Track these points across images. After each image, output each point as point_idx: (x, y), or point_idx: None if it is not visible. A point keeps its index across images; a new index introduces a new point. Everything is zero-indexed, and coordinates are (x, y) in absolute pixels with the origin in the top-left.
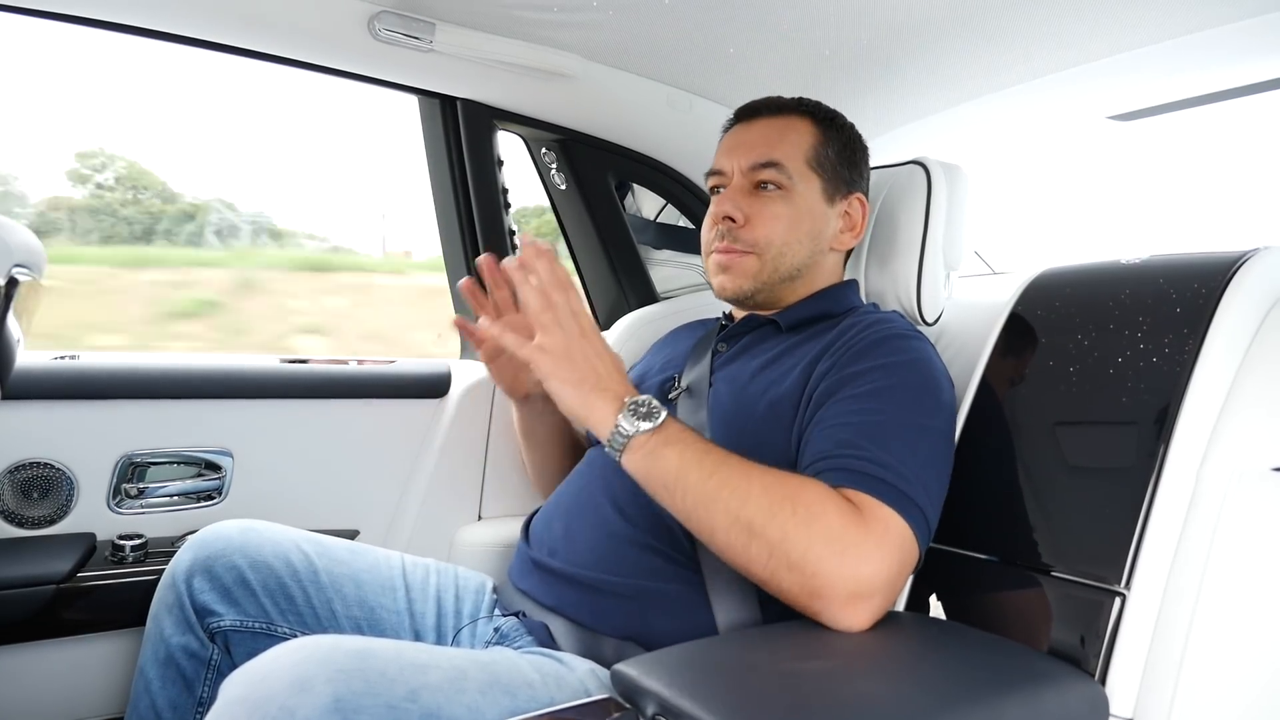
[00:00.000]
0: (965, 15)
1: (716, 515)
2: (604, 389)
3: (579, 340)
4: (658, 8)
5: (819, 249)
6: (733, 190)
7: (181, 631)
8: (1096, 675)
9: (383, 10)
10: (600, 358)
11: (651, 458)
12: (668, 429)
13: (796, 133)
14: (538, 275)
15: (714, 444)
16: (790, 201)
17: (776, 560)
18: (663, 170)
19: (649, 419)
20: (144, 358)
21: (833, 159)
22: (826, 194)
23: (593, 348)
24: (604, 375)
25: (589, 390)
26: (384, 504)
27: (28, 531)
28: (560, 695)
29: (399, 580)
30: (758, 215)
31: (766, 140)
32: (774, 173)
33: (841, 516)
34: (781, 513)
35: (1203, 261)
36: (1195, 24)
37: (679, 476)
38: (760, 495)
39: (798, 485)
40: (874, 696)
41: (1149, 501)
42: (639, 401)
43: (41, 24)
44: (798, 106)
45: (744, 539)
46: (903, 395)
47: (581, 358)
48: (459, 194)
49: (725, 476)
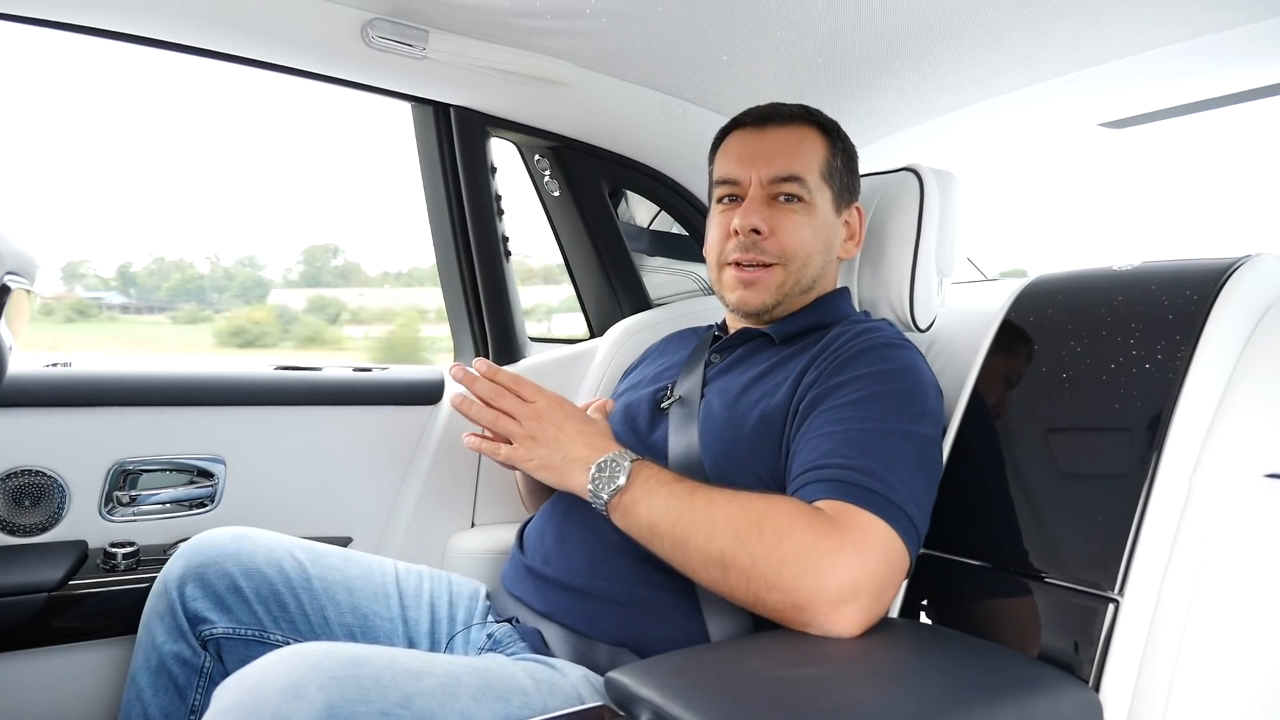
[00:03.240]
0: (957, 24)
1: (691, 555)
2: (572, 460)
3: (538, 425)
4: (651, 15)
5: (831, 259)
6: (754, 201)
7: (173, 639)
8: (1090, 682)
9: (376, 18)
10: (562, 430)
11: (627, 515)
12: (634, 485)
13: (812, 145)
14: (479, 394)
15: (683, 481)
16: (811, 214)
17: (755, 584)
18: (656, 177)
19: (615, 477)
20: (136, 365)
21: (840, 170)
22: (835, 205)
23: (551, 425)
24: (570, 446)
25: (559, 469)
26: (377, 511)
27: (19, 539)
28: (554, 702)
29: (392, 587)
30: (781, 227)
31: (785, 152)
32: (796, 186)
33: (811, 529)
34: (749, 539)
35: (1195, 268)
36: (1185, 32)
37: (652, 528)
38: (725, 526)
39: (764, 507)
40: (867, 703)
41: (1142, 508)
42: (603, 463)
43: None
44: (806, 116)
45: (719, 573)
46: (888, 403)
47: (546, 440)
48: (452, 201)
49: (691, 517)
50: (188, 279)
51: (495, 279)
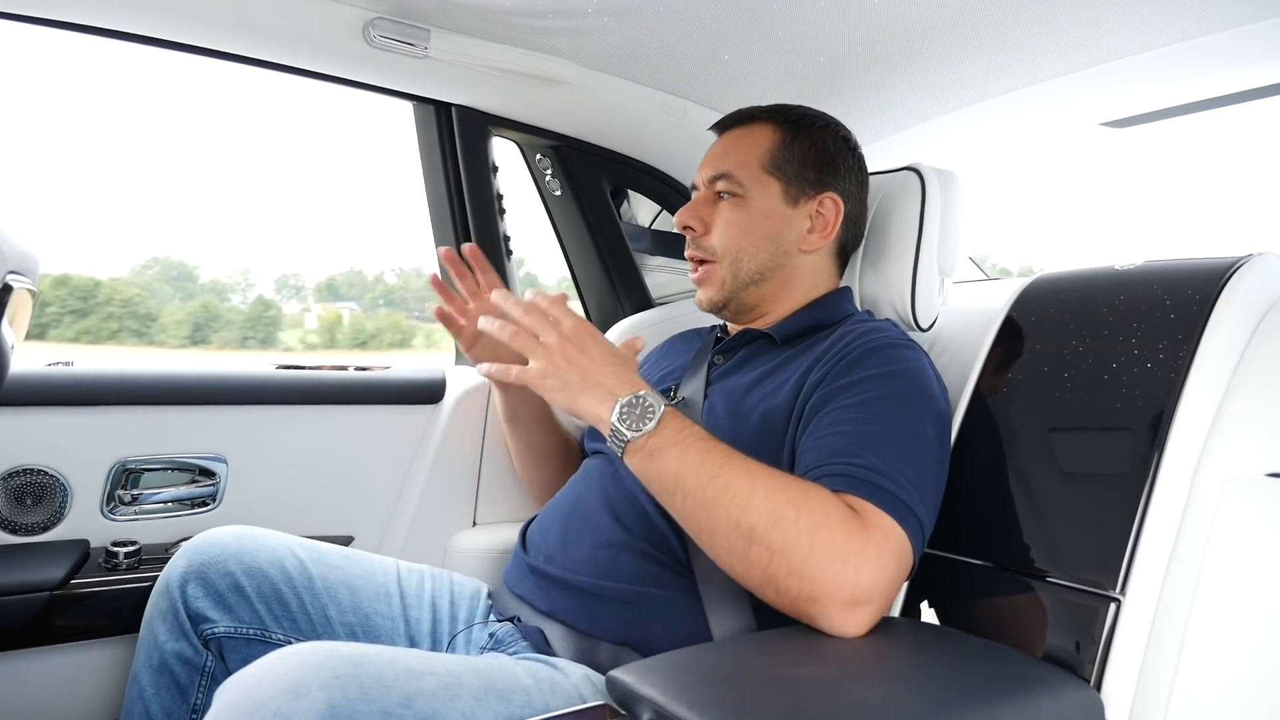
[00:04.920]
0: (959, 23)
1: (716, 520)
2: (595, 386)
3: (560, 343)
4: (652, 14)
5: (782, 251)
6: (695, 201)
7: (175, 638)
8: (1092, 681)
9: (378, 16)
10: (586, 354)
11: (649, 460)
12: (664, 431)
13: (752, 139)
14: (502, 308)
15: (717, 442)
16: (744, 207)
17: (776, 566)
18: (658, 176)
19: (644, 419)
20: (138, 364)
21: (795, 160)
22: (788, 195)
23: (575, 346)
24: (594, 371)
25: (575, 390)
26: (379, 510)
27: (21, 538)
28: (555, 701)
29: (394, 586)
30: (714, 223)
31: (725, 152)
32: (727, 182)
33: (844, 524)
34: (785, 519)
35: (1197, 267)
36: (1187, 31)
37: (677, 481)
38: (763, 501)
39: (801, 491)
40: (869, 702)
41: (1144, 507)
42: (633, 400)
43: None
44: (764, 114)
45: (743, 544)
46: (896, 405)
47: (569, 358)
48: (454, 200)
49: (726, 481)
50: (388, 289)
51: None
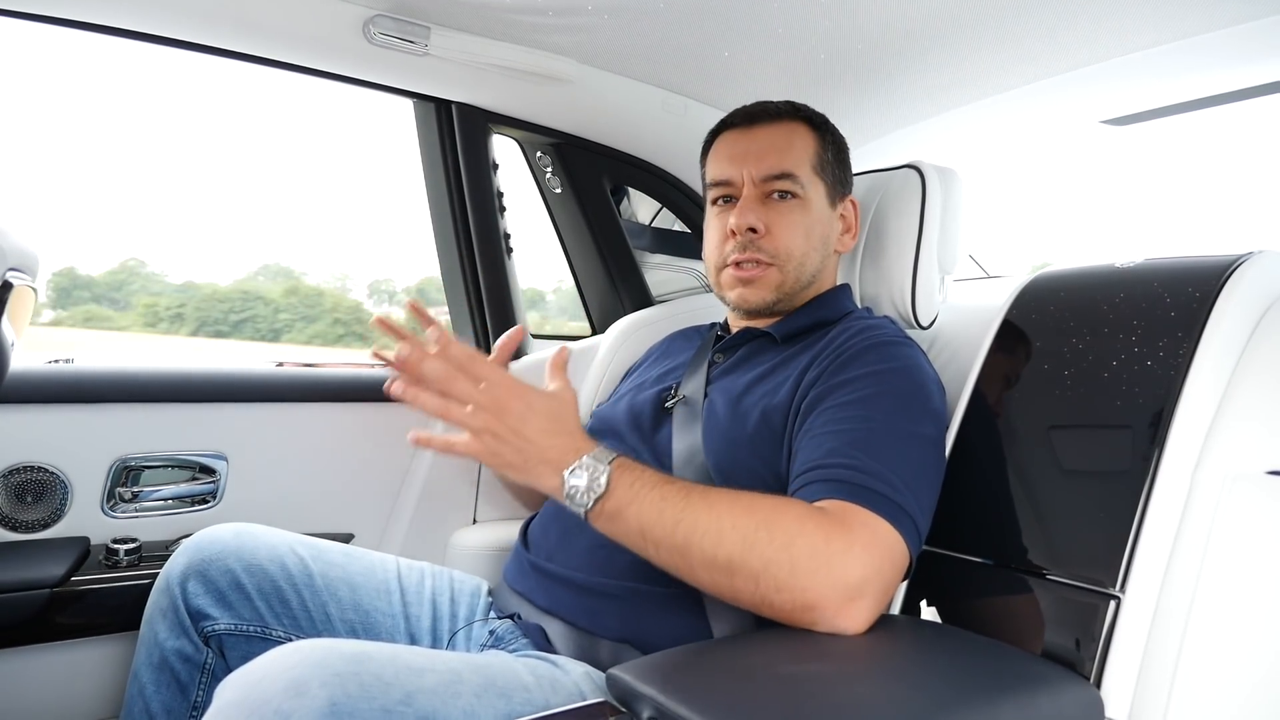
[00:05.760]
0: (959, 21)
1: (693, 561)
2: (541, 461)
3: (495, 419)
4: (653, 12)
5: (828, 254)
6: (748, 200)
7: (176, 635)
8: (1091, 679)
9: (378, 14)
10: (524, 424)
11: (612, 523)
12: (617, 490)
13: (802, 140)
14: (428, 375)
15: (673, 483)
16: (806, 210)
17: (764, 587)
18: (658, 174)
19: (594, 486)
20: (138, 361)
21: (831, 163)
22: (830, 199)
23: (511, 418)
24: (535, 444)
25: (523, 470)
26: (379, 507)
27: (21, 535)
28: (555, 698)
29: (394, 583)
30: (776, 225)
31: (775, 149)
32: (789, 182)
33: (821, 529)
34: (758, 542)
35: (1197, 265)
36: (1187, 29)
37: (644, 534)
38: (731, 530)
39: (771, 509)
40: (869, 700)
41: (1144, 505)
42: (578, 467)
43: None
44: (793, 112)
45: (726, 577)
46: (891, 402)
47: (506, 435)
48: (454, 197)
49: (692, 522)
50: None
51: (497, 276)
